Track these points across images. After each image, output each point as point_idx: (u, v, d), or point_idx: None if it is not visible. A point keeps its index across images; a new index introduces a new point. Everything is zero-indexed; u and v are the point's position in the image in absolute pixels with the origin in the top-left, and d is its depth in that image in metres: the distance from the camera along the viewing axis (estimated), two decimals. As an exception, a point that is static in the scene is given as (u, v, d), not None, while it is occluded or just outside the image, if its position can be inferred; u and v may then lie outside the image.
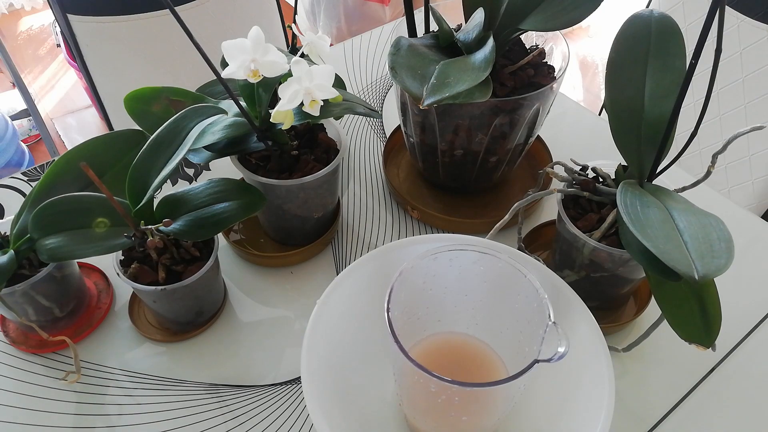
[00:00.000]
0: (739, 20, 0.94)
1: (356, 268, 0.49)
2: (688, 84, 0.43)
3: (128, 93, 0.54)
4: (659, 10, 0.54)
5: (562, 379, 0.46)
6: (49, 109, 2.09)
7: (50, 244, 0.47)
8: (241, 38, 0.46)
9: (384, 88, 0.87)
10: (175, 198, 0.51)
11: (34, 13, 2.47)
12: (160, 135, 0.48)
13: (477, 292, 0.47)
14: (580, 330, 0.45)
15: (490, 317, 0.48)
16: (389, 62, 0.48)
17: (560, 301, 0.47)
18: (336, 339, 0.47)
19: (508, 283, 0.43)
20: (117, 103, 1.05)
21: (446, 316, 0.49)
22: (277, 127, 0.52)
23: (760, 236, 0.68)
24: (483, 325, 0.49)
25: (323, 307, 0.47)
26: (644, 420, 0.53)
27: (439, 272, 0.45)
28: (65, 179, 0.51)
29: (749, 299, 0.61)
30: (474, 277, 0.45)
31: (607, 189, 0.53)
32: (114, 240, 0.49)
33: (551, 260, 0.60)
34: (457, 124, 0.59)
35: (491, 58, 0.48)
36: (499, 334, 0.48)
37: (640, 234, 0.41)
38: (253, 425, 0.52)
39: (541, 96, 0.57)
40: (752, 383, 0.55)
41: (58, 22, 0.98)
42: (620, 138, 0.50)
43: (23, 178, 0.74)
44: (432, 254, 0.43)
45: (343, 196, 0.71)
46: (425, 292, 0.46)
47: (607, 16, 2.23)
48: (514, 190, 0.72)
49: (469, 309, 0.48)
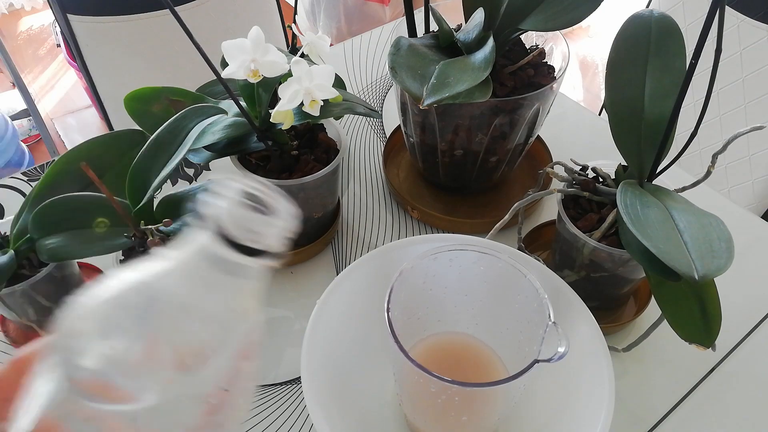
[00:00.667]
0: (739, 20, 0.94)
1: (356, 268, 0.49)
2: (688, 84, 0.43)
3: (128, 93, 0.54)
4: (659, 10, 0.54)
5: (563, 379, 0.46)
6: (49, 109, 2.09)
7: (50, 244, 0.47)
8: (241, 38, 0.46)
9: (384, 88, 0.87)
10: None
11: (34, 13, 2.47)
12: (160, 135, 0.48)
13: (477, 292, 0.47)
14: (580, 330, 0.45)
15: (490, 317, 0.48)
16: (389, 62, 0.48)
17: (560, 301, 0.47)
18: (336, 339, 0.47)
19: (509, 284, 0.43)
20: (117, 103, 1.05)
21: (446, 317, 0.49)
22: (277, 127, 0.52)
23: (760, 236, 0.68)
24: (483, 325, 0.49)
25: (323, 307, 0.47)
26: (644, 420, 0.53)
27: (439, 272, 0.45)
28: (65, 179, 0.51)
29: (749, 299, 0.61)
30: (474, 277, 0.45)
31: (607, 189, 0.53)
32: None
33: (551, 260, 0.60)
34: (457, 124, 0.59)
35: (491, 58, 0.48)
36: (499, 334, 0.48)
37: (640, 234, 0.41)
38: (254, 425, 0.52)
39: (541, 96, 0.57)
40: (752, 383, 0.55)
41: (58, 22, 0.98)
42: (620, 138, 0.50)
43: (23, 178, 0.74)
44: (432, 254, 0.43)
45: (343, 196, 0.71)
46: (425, 292, 0.46)
47: (607, 16, 2.23)
48: (514, 190, 0.72)
49: (469, 309, 0.48)
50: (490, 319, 0.48)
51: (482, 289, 0.46)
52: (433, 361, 0.48)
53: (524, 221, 0.64)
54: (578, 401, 0.44)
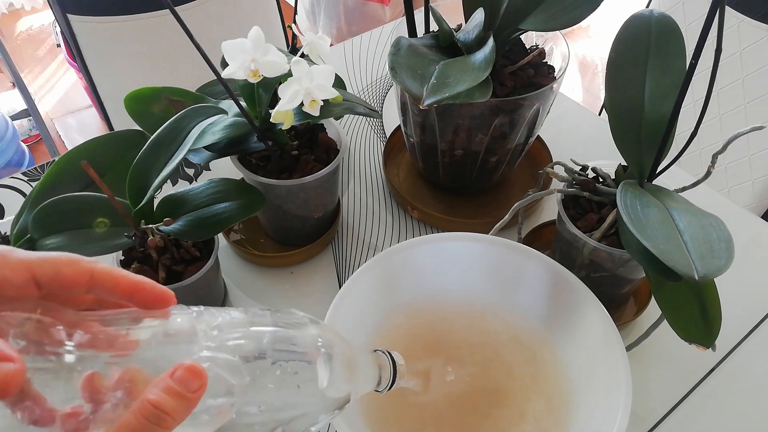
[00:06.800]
0: (739, 20, 0.94)
1: (361, 273, 0.49)
2: (688, 84, 0.43)
3: (128, 93, 0.54)
4: (659, 10, 0.54)
5: (579, 367, 0.46)
6: (49, 109, 2.09)
7: (50, 244, 0.47)
8: (241, 38, 0.46)
9: (384, 88, 0.87)
10: (176, 198, 0.51)
11: (34, 13, 2.47)
12: (161, 135, 0.48)
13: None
14: (592, 319, 0.46)
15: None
16: (389, 62, 0.48)
17: (572, 294, 0.47)
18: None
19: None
20: (117, 103, 1.05)
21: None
22: (277, 127, 0.52)
23: (760, 236, 0.68)
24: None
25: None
26: (644, 420, 0.53)
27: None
28: (66, 179, 0.51)
29: (749, 299, 0.61)
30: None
31: (607, 189, 0.53)
32: (114, 240, 0.49)
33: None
34: (457, 124, 0.59)
35: (491, 58, 0.48)
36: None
37: (640, 234, 0.41)
38: (253, 425, 0.52)
39: (541, 96, 0.57)
40: (752, 383, 0.55)
41: (58, 22, 0.98)
42: (620, 138, 0.50)
43: (23, 178, 0.74)
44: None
45: (343, 196, 0.71)
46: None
47: (607, 16, 2.22)
48: (514, 190, 0.72)
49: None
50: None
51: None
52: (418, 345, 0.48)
53: (524, 221, 0.64)
54: (596, 385, 0.44)
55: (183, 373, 0.25)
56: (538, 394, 0.47)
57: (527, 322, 0.50)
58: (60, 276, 0.27)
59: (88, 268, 0.28)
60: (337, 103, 0.53)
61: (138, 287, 0.29)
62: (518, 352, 0.49)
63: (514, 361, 0.48)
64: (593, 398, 0.44)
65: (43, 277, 0.27)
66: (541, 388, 0.47)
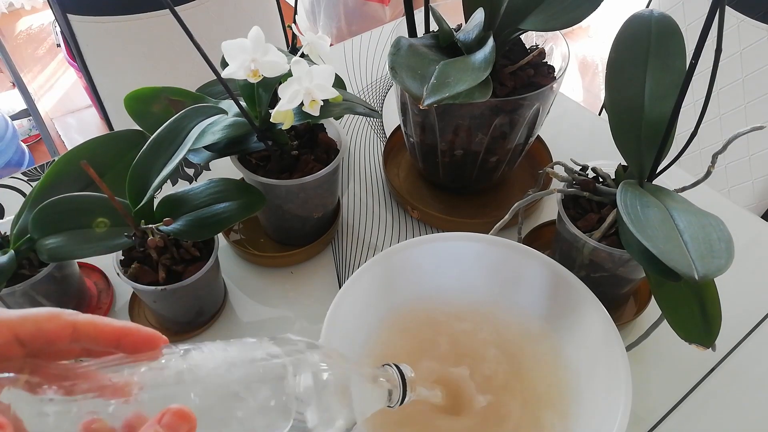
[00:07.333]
0: (739, 20, 0.94)
1: (361, 273, 0.49)
2: (688, 84, 0.43)
3: (128, 93, 0.54)
4: (659, 10, 0.54)
5: (578, 365, 0.46)
6: (49, 109, 2.09)
7: (50, 244, 0.47)
8: (241, 38, 0.46)
9: (384, 88, 0.87)
10: (176, 198, 0.51)
11: (34, 13, 2.47)
12: (160, 135, 0.48)
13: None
14: (592, 319, 0.46)
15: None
16: (389, 62, 0.48)
17: (571, 294, 0.47)
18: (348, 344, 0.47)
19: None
20: (117, 103, 1.05)
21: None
22: (277, 127, 0.52)
23: (760, 236, 0.68)
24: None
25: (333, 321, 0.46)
26: (644, 420, 0.53)
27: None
28: (65, 179, 0.51)
29: (749, 299, 0.61)
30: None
31: (607, 189, 0.53)
32: (114, 240, 0.49)
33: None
34: (457, 124, 0.59)
35: (491, 58, 0.48)
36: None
37: (640, 234, 0.41)
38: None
39: (541, 96, 0.57)
40: (752, 383, 0.55)
41: (58, 21, 0.98)
42: (620, 138, 0.50)
43: (23, 178, 0.74)
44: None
45: (343, 196, 0.71)
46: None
47: (607, 16, 2.22)
48: (514, 190, 0.72)
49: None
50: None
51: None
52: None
53: (524, 221, 0.64)
54: (596, 382, 0.44)
55: (171, 418, 0.25)
56: (538, 394, 0.47)
57: (527, 322, 0.50)
58: (42, 332, 0.27)
59: (70, 321, 0.27)
60: (337, 103, 0.53)
61: (123, 332, 0.28)
62: (518, 352, 0.49)
63: (514, 360, 0.48)
64: (593, 398, 0.44)
65: (25, 335, 0.26)
66: (541, 388, 0.47)
